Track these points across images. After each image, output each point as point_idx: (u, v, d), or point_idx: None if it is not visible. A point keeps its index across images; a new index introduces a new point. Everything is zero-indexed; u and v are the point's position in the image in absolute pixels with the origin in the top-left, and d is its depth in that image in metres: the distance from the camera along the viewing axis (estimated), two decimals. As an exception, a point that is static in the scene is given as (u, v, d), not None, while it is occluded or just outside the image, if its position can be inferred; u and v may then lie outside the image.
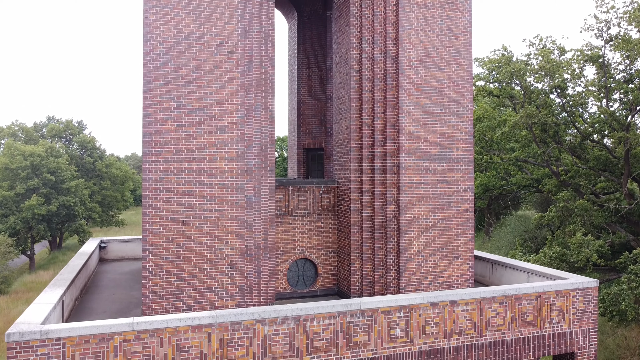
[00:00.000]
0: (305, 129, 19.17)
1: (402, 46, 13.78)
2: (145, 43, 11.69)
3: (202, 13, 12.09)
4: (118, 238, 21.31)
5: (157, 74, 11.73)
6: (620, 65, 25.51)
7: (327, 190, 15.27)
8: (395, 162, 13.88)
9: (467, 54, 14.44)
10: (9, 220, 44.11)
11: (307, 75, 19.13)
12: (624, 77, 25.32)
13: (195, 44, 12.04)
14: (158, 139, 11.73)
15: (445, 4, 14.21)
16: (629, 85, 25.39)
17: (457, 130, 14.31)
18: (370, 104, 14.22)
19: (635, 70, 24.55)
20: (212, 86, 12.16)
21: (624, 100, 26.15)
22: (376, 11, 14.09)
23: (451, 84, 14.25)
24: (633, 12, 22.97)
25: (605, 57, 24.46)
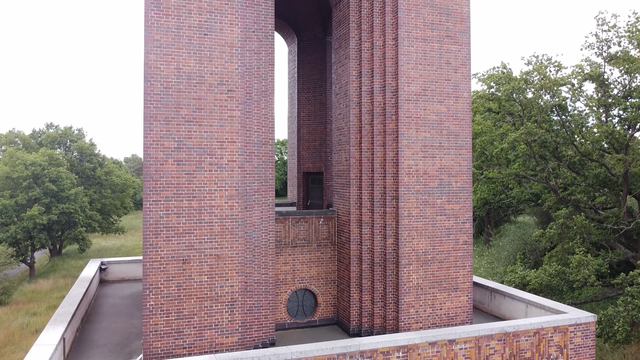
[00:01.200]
0: (305, 153, 19.24)
1: (401, 80, 13.85)
2: (146, 83, 11.76)
3: (202, 52, 12.16)
4: (118, 259, 21.40)
5: (157, 114, 11.80)
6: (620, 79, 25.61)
7: (327, 220, 15.35)
8: (394, 195, 13.95)
9: (466, 86, 14.51)
10: (9, 229, 44.18)
11: (307, 99, 19.22)
12: (622, 92, 25.39)
13: (196, 83, 12.11)
14: (159, 178, 11.80)
15: (444, 37, 14.27)
16: (627, 101, 25.46)
17: (456, 162, 14.38)
18: (369, 136, 14.29)
19: (635, 85, 24.58)
20: (213, 125, 12.23)
21: (622, 116, 26.24)
22: (375, 45, 14.16)
23: (450, 117, 14.32)
24: (635, 34, 23.03)
25: (604, 74, 24.52)
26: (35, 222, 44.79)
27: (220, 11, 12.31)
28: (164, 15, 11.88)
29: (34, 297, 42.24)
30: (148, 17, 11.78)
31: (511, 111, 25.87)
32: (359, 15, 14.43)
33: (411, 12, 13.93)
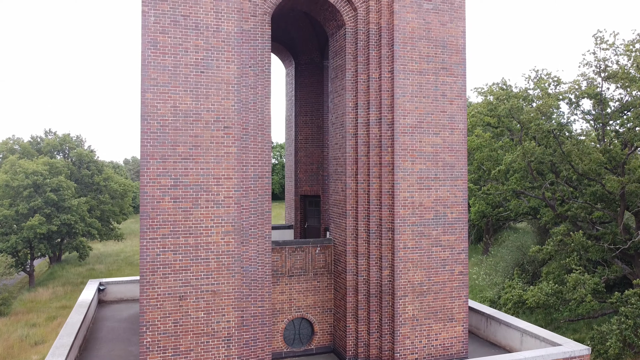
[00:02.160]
0: (303, 176, 19.34)
1: (397, 113, 13.93)
2: (143, 122, 11.85)
3: (199, 90, 12.25)
4: (117, 280, 21.48)
5: (154, 152, 11.89)
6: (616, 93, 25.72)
7: (323, 249, 15.44)
8: (390, 227, 14.03)
9: (462, 117, 14.59)
10: (10, 239, 44.27)
11: (304, 122, 19.31)
12: (619, 107, 25.46)
13: (192, 121, 12.19)
14: (155, 216, 11.89)
15: (440, 69, 14.35)
16: (624, 115, 25.54)
17: (452, 194, 14.46)
18: (365, 168, 14.37)
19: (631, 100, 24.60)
20: (209, 162, 12.32)
21: (619, 131, 26.32)
22: (371, 77, 14.24)
23: (446, 149, 14.41)
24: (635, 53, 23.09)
25: (602, 93, 24.61)
26: (35, 232, 44.88)
27: (216, 49, 12.40)
28: (161, 54, 11.96)
29: (33, 306, 42.34)
30: (145, 56, 11.87)
31: (510, 127, 25.95)
32: (355, 47, 14.50)
33: (407, 45, 14.01)
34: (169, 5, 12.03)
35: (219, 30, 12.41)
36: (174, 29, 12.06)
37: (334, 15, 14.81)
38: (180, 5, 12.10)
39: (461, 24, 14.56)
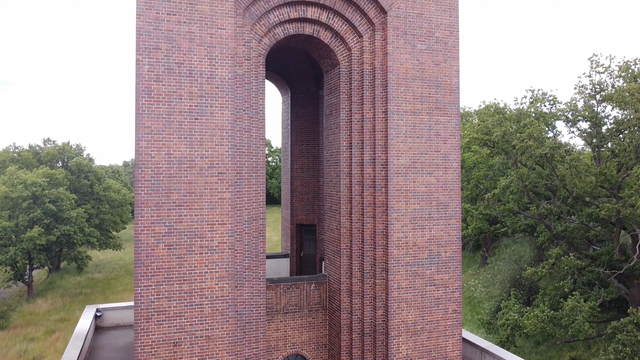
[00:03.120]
0: (299, 205, 19.40)
1: (390, 154, 14.00)
2: (137, 170, 11.92)
3: (193, 137, 12.32)
4: (114, 305, 21.55)
5: (148, 200, 11.96)
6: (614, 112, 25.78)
7: (318, 285, 15.51)
8: (384, 267, 14.11)
9: (456, 156, 14.66)
10: (9, 250, 44.35)
11: (300, 152, 19.37)
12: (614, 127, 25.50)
13: (187, 168, 12.26)
14: (149, 264, 11.96)
15: (434, 109, 14.42)
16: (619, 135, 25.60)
17: (446, 233, 14.53)
18: (359, 207, 14.44)
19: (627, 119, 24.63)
20: (203, 208, 12.39)
21: (615, 151, 26.36)
22: (365, 117, 14.31)
23: (439, 188, 14.48)
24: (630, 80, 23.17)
25: (598, 115, 24.69)
26: (35, 243, 44.97)
27: (211, 95, 12.47)
28: (155, 102, 12.03)
29: (32, 319, 42.39)
30: (139, 105, 11.93)
31: (506, 149, 26.04)
32: (349, 87, 14.58)
33: (401, 86, 14.08)
34: (163, 54, 12.09)
35: (213, 77, 12.48)
36: (168, 76, 12.13)
37: (328, 54, 14.88)
38: (174, 53, 12.17)
39: (455, 64, 14.63)
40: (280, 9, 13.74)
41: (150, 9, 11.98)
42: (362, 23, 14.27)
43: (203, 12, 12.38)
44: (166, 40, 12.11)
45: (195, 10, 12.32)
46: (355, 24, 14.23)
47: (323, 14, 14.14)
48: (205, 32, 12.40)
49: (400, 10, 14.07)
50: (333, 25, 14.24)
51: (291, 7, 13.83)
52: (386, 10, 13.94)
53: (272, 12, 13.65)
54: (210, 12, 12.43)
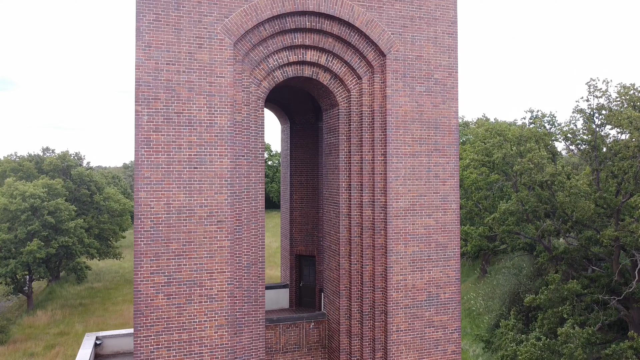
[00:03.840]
0: (298, 236, 19.41)
1: (389, 196, 14.01)
2: (136, 221, 11.93)
3: (192, 186, 12.33)
4: (113, 333, 21.53)
5: (147, 251, 11.97)
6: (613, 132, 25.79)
7: (317, 324, 15.53)
8: (383, 309, 14.13)
9: (455, 197, 14.68)
10: (9, 263, 44.37)
11: (299, 182, 19.37)
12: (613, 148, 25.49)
13: (186, 217, 12.28)
14: (149, 314, 11.98)
15: (433, 151, 14.44)
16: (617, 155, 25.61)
17: (444, 274, 14.56)
18: (359, 249, 14.46)
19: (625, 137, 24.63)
20: (202, 257, 12.40)
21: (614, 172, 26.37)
22: (365, 159, 14.33)
23: (439, 229, 14.50)
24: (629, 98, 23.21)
25: (596, 138, 24.72)
26: (34, 256, 44.99)
27: (210, 144, 12.48)
28: (154, 152, 12.05)
29: (31, 333, 42.41)
30: (139, 155, 11.95)
31: (506, 171, 26.08)
32: (348, 128, 14.59)
33: (400, 128, 14.10)
34: (163, 103, 12.11)
35: (213, 125, 12.49)
36: (167, 126, 12.14)
37: (327, 94, 14.89)
38: (173, 103, 12.18)
39: (454, 105, 14.65)
40: (280, 52, 13.76)
41: (149, 60, 12.00)
42: (361, 65, 14.28)
43: (202, 60, 12.40)
44: (165, 90, 12.12)
45: (195, 60, 12.34)
46: (354, 66, 14.25)
47: (322, 57, 14.16)
48: (204, 81, 12.41)
49: (399, 53, 14.08)
50: (332, 67, 14.26)
51: (290, 50, 13.84)
52: (385, 54, 13.96)
53: (271, 57, 13.66)
54: (209, 61, 12.44)
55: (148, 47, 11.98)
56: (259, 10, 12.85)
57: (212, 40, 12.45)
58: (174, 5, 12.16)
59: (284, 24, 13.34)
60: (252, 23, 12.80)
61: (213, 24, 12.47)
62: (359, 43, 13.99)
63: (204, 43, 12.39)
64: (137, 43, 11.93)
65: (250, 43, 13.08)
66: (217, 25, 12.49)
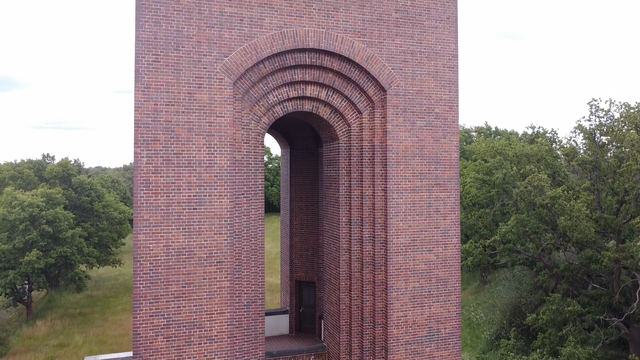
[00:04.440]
0: (298, 262, 19.34)
1: (390, 232, 13.95)
2: (135, 264, 11.86)
3: (191, 227, 12.26)
4: (113, 357, 21.49)
5: (147, 293, 11.90)
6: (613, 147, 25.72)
7: (318, 357, 15.47)
8: (383, 346, 14.06)
9: (455, 232, 14.61)
10: (8, 275, 44.31)
11: (299, 208, 19.30)
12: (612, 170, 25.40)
13: (185, 259, 12.21)
14: (148, 357, 11.91)
15: (434, 185, 14.37)
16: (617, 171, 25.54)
17: (445, 309, 14.49)
18: (359, 284, 14.40)
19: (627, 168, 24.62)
20: (202, 298, 12.33)
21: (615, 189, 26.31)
22: (365, 194, 14.26)
23: (439, 264, 14.43)
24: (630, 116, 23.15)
25: (597, 160, 24.66)
26: (33, 267, 44.93)
27: (209, 184, 12.41)
28: (154, 194, 11.97)
29: (31, 344, 42.32)
30: (138, 198, 11.88)
31: (506, 189, 26.03)
32: (348, 162, 14.52)
33: (400, 164, 14.03)
34: (162, 145, 12.03)
35: (212, 166, 12.42)
36: (166, 167, 12.07)
37: (327, 127, 14.82)
38: (173, 144, 12.11)
39: (454, 139, 14.58)
40: (280, 88, 13.68)
41: (148, 101, 11.93)
42: (361, 100, 14.21)
43: (202, 100, 12.32)
44: (165, 131, 12.05)
45: (194, 100, 12.26)
46: (354, 101, 14.18)
47: (322, 92, 14.08)
48: (204, 121, 12.34)
49: (400, 88, 14.01)
50: (332, 102, 14.19)
51: (290, 86, 13.77)
52: (385, 89, 13.89)
53: (271, 93, 13.59)
54: (209, 101, 12.37)
55: (147, 88, 11.91)
56: (259, 49, 12.78)
57: (211, 80, 12.37)
58: (173, 45, 12.09)
59: (284, 61, 13.27)
60: (252, 62, 12.73)
61: (212, 64, 12.40)
62: (359, 78, 13.92)
63: (204, 83, 12.32)
64: (135, 85, 11.86)
65: (250, 81, 13.01)
66: (216, 64, 12.42)
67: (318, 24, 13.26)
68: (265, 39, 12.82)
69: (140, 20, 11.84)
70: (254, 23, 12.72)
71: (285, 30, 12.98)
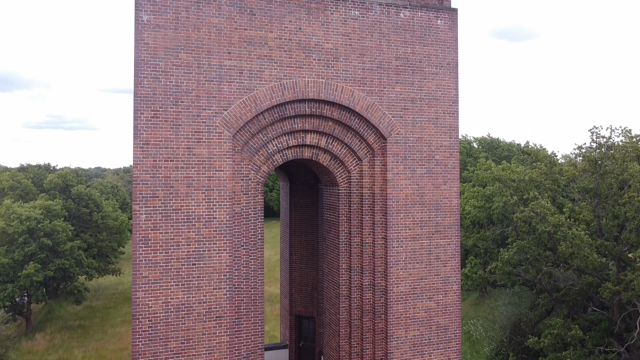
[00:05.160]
0: (298, 296, 19.29)
1: (390, 281, 13.89)
2: (134, 321, 11.79)
3: (190, 283, 12.19)
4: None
5: (146, 351, 11.84)
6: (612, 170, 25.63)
7: (317, 401, 15.42)
8: (383, 395, 14.01)
9: (455, 278, 14.55)
10: (7, 288, 44.26)
11: (299, 242, 19.24)
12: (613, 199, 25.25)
13: (184, 315, 12.14)
14: (147, 415, 11.85)
15: (434, 233, 14.30)
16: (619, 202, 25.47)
17: (445, 356, 14.43)
18: (359, 332, 14.33)
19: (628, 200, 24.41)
20: (201, 354, 12.26)
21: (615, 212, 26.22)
22: (365, 242, 14.19)
23: (439, 312, 14.36)
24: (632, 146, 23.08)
25: (598, 188, 24.59)
26: (32, 280, 44.88)
27: (208, 239, 12.34)
28: (152, 251, 11.90)
29: (30, 359, 42.27)
30: (137, 255, 11.81)
31: (507, 215, 25.97)
32: (348, 209, 14.45)
33: (400, 212, 13.96)
34: (161, 201, 11.96)
35: (211, 220, 12.35)
36: (165, 224, 12.00)
37: (327, 173, 14.75)
38: (171, 200, 12.04)
39: (455, 185, 14.51)
40: (279, 138, 13.61)
41: (147, 157, 11.85)
42: (361, 147, 14.14)
43: (201, 155, 12.25)
44: (164, 187, 11.98)
45: (193, 155, 12.19)
46: (354, 148, 14.11)
47: (322, 140, 14.01)
48: (203, 176, 12.27)
49: (400, 135, 13.94)
50: (332, 149, 14.12)
51: (290, 135, 13.70)
52: (386, 137, 13.82)
53: (270, 142, 13.52)
54: (208, 155, 12.30)
55: (146, 144, 11.83)
56: (259, 101, 12.71)
57: (211, 134, 12.30)
58: (172, 100, 12.02)
59: (284, 112, 13.20)
60: (251, 114, 12.66)
61: (212, 117, 12.33)
62: (359, 127, 13.85)
63: (203, 137, 12.25)
64: (134, 141, 11.79)
65: (249, 132, 12.94)
66: (216, 118, 12.35)
67: (318, 74, 13.18)
68: (265, 90, 12.74)
69: (138, 77, 11.77)
70: (253, 75, 12.64)
71: (285, 81, 12.91)
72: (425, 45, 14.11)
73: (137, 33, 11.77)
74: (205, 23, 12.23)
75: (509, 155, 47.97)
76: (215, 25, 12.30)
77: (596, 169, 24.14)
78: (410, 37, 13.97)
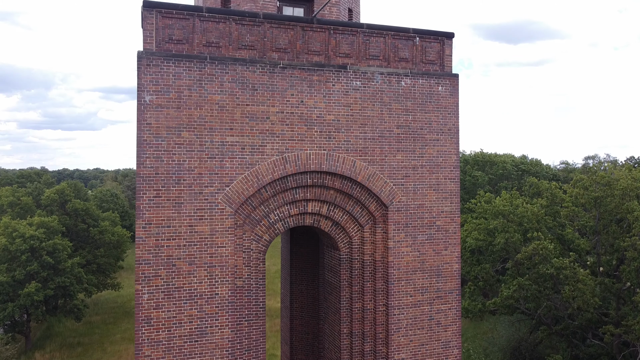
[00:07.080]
0: (298, 344, 19.33)
1: (391, 348, 13.93)
2: (137, 401, 11.83)
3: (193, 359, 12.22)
4: None
5: None
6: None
7: None
8: None
9: (456, 343, 14.60)
10: (7, 307, 44.25)
11: (300, 291, 19.28)
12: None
13: (186, 392, 12.16)
14: None
15: (435, 298, 14.35)
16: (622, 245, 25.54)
17: (446, 421, 14.48)
18: (360, 397, 14.37)
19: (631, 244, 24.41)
20: None
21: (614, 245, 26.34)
22: (366, 307, 14.23)
23: (440, 377, 14.41)
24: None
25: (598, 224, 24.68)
26: (32, 299, 44.88)
27: (210, 315, 12.37)
28: (155, 329, 11.94)
29: (29, 381, 42.28)
30: (139, 335, 11.84)
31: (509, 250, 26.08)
32: (349, 274, 14.49)
33: (402, 280, 14.01)
34: (163, 280, 11.99)
35: (213, 297, 12.38)
36: (167, 302, 12.03)
37: (328, 238, 14.79)
38: (174, 278, 12.07)
39: (456, 250, 14.57)
40: (281, 207, 13.65)
41: (149, 237, 11.88)
42: (362, 215, 14.18)
43: (203, 232, 12.28)
44: (166, 266, 12.01)
45: (195, 232, 12.22)
46: (355, 215, 14.15)
47: (324, 207, 14.06)
48: (205, 253, 12.30)
49: (401, 203, 13.98)
50: (333, 216, 14.16)
51: (292, 205, 13.73)
52: (387, 205, 13.86)
53: (272, 212, 13.55)
54: (210, 232, 12.33)
55: (148, 224, 11.86)
56: (260, 176, 12.74)
57: (213, 211, 12.33)
58: (174, 179, 12.05)
59: (286, 184, 13.24)
60: (253, 189, 12.69)
61: (214, 194, 12.36)
62: (360, 195, 13.89)
63: (205, 214, 12.28)
64: (137, 221, 11.82)
65: (251, 206, 12.97)
66: (218, 195, 12.38)
67: (320, 145, 13.22)
68: (267, 165, 12.78)
69: (141, 157, 11.79)
70: (255, 150, 12.68)
71: (287, 155, 12.95)
72: (426, 112, 14.16)
73: (139, 114, 11.80)
74: (207, 100, 12.27)
75: (504, 174, 47.89)
76: (217, 103, 12.34)
77: (595, 206, 24.23)
78: (412, 105, 14.02)
